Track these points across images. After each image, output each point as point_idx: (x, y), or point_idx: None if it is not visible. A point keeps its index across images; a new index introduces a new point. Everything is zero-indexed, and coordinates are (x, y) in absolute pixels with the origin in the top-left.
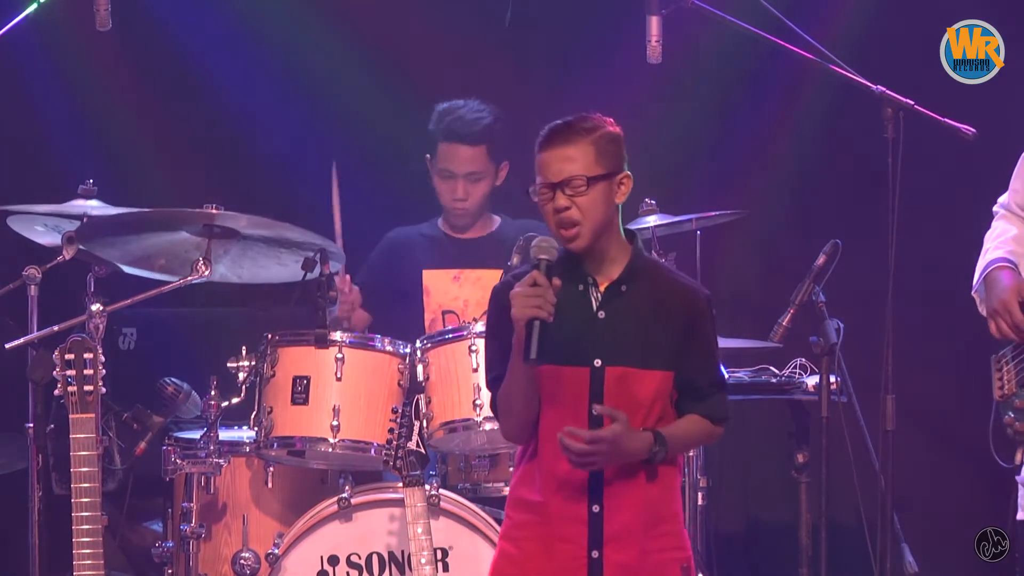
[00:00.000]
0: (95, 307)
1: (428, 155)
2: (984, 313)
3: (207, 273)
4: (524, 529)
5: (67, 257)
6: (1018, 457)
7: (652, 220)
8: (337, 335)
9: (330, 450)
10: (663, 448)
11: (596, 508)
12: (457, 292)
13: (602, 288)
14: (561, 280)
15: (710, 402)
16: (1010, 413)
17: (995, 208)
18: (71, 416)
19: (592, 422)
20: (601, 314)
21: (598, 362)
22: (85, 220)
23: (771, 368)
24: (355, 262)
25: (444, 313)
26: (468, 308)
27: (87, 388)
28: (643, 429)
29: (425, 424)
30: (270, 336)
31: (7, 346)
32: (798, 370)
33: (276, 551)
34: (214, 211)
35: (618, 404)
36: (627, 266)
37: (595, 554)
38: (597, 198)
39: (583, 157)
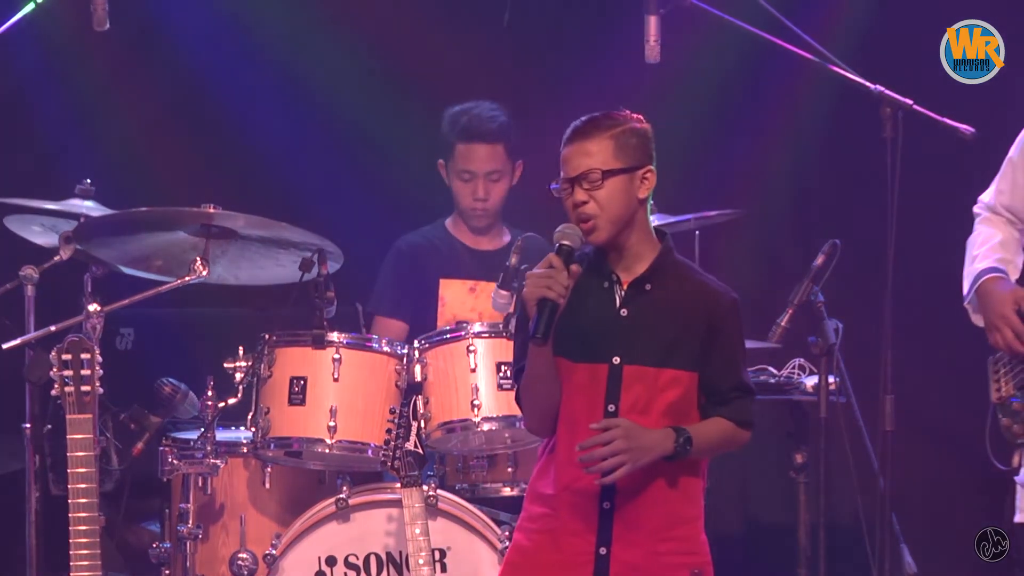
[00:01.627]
0: (92, 307)
1: (441, 160)
2: (978, 324)
3: (205, 273)
4: (537, 522)
5: (64, 257)
6: (1015, 460)
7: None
8: (334, 336)
9: (327, 451)
10: (688, 441)
11: (607, 505)
12: (473, 303)
13: (626, 285)
14: (586, 276)
15: (735, 405)
16: (1007, 416)
17: (976, 209)
18: (68, 416)
19: (607, 417)
20: (623, 312)
21: (616, 359)
22: (82, 220)
23: (770, 368)
24: (355, 265)
25: (458, 323)
26: (483, 320)
27: (84, 388)
28: (670, 428)
29: (423, 424)
30: (267, 336)
31: (4, 346)
32: (797, 370)
33: (274, 552)
34: (212, 211)
35: (634, 403)
36: (653, 264)
37: (603, 551)
38: (615, 192)
39: (601, 152)
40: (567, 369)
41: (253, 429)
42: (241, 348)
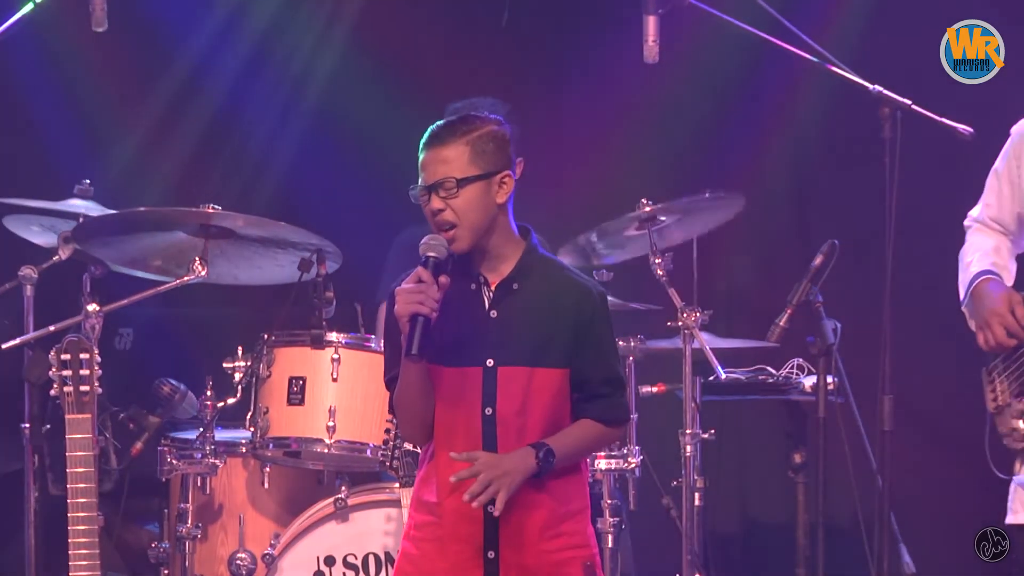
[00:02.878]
0: (91, 307)
1: None
2: (975, 328)
3: (203, 273)
4: (423, 530)
5: (63, 257)
6: (1017, 467)
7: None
8: (333, 336)
9: (326, 451)
10: (549, 453)
11: (491, 508)
12: None
13: (493, 286)
14: (453, 279)
15: (604, 403)
16: (1004, 424)
17: (967, 223)
18: (67, 416)
19: (485, 423)
20: (493, 313)
21: (490, 362)
22: (81, 220)
23: (768, 368)
24: (354, 265)
25: None
26: None
27: (83, 388)
28: (529, 445)
29: None
30: (266, 336)
31: (3, 346)
32: (795, 370)
33: (272, 552)
34: (210, 211)
35: (511, 403)
36: (519, 263)
37: (491, 554)
38: (471, 199)
39: (457, 158)
40: (439, 375)
41: (252, 429)
42: (240, 348)
